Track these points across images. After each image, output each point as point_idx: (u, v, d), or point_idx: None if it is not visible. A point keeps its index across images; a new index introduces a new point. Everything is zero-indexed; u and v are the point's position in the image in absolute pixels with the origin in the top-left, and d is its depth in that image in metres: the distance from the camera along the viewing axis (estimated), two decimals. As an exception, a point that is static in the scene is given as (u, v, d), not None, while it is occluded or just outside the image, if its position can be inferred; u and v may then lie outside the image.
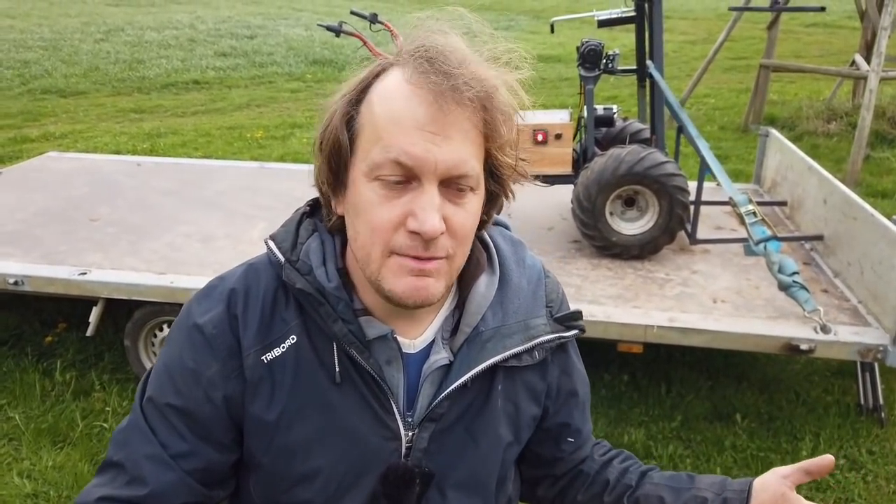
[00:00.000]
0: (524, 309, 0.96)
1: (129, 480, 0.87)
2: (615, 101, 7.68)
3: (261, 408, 0.89)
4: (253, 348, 0.88)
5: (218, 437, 0.91)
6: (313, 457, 0.90)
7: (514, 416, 0.99)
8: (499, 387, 0.96)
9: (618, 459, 1.10)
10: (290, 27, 14.09)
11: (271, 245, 0.92)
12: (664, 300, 2.90)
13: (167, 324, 3.06)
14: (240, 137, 7.36)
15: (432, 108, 0.76)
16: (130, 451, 0.89)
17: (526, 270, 0.99)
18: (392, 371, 0.91)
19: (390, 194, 0.79)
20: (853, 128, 6.65)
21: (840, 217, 3.10)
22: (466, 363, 0.91)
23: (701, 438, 2.88)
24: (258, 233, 3.47)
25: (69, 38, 12.63)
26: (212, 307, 0.90)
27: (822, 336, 2.60)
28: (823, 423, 2.94)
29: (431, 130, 0.77)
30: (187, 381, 0.89)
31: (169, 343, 0.94)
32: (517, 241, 1.03)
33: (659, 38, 3.41)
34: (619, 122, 3.66)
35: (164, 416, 0.89)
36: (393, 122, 0.78)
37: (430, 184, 0.78)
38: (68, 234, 3.44)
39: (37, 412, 2.98)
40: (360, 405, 0.90)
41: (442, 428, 0.93)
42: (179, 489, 0.88)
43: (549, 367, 1.01)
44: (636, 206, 3.22)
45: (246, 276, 0.92)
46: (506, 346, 0.93)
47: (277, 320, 0.90)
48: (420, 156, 0.77)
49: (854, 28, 12.86)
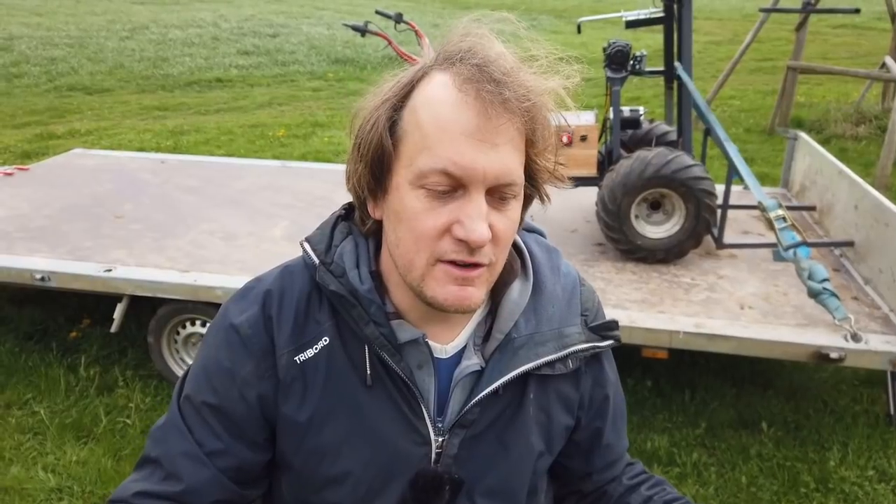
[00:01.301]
0: (558, 317, 0.95)
1: (165, 476, 0.90)
2: (637, 103, 7.61)
3: (293, 408, 0.90)
4: (286, 349, 0.89)
5: (252, 436, 0.92)
6: (343, 459, 0.90)
7: (546, 425, 0.97)
8: (531, 395, 0.94)
9: (645, 486, 1.06)
10: (313, 26, 14.15)
11: (306, 247, 0.93)
12: (690, 305, 2.86)
13: (190, 321, 3.07)
14: (262, 136, 7.39)
15: (481, 117, 0.75)
16: (167, 447, 0.91)
17: (561, 278, 0.98)
18: (423, 375, 0.90)
19: (436, 203, 0.78)
20: (882, 131, 6.53)
21: (872, 223, 3.04)
22: (498, 370, 0.90)
23: (726, 446, 2.84)
24: (280, 231, 3.47)
25: (95, 36, 12.79)
26: (247, 308, 0.92)
27: (853, 345, 2.55)
28: (852, 433, 2.88)
29: (479, 139, 0.76)
30: (223, 380, 0.91)
31: (206, 343, 0.95)
32: (552, 248, 1.01)
33: (688, 40, 3.37)
34: (646, 123, 3.62)
35: (200, 415, 0.91)
36: (441, 130, 0.77)
37: (478, 192, 0.77)
38: (93, 230, 3.47)
39: (61, 407, 3.01)
40: (391, 408, 0.90)
41: (473, 434, 0.92)
42: (214, 486, 0.90)
43: (582, 377, 0.99)
44: (662, 209, 3.18)
45: (281, 278, 0.94)
46: (538, 353, 0.92)
47: (311, 322, 0.90)
48: (468, 165, 0.76)
49: (883, 30, 12.65)
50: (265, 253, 3.21)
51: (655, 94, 8.55)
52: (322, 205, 3.75)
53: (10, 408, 3.02)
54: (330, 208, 0.96)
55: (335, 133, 7.50)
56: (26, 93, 9.33)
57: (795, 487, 2.62)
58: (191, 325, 3.08)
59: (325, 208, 0.98)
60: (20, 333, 3.52)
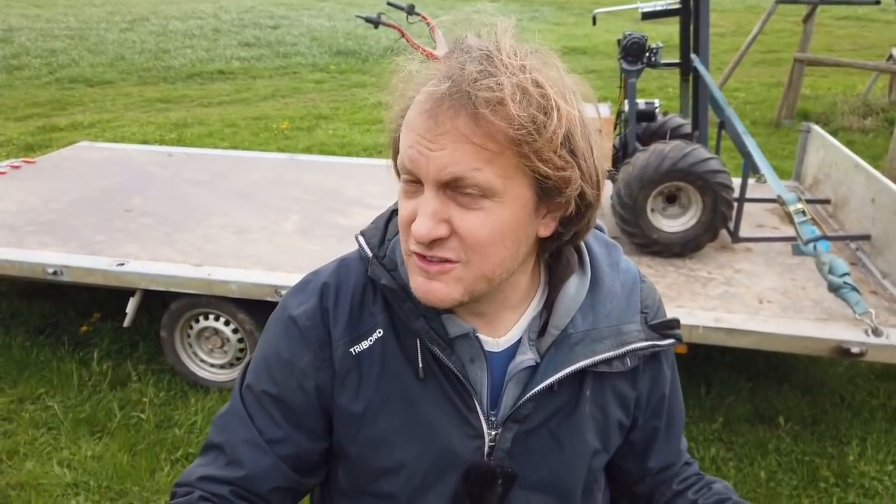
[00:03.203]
0: (617, 313, 0.93)
1: (227, 462, 0.92)
2: (642, 95, 7.58)
3: (348, 399, 0.91)
4: (342, 340, 0.91)
5: (310, 425, 0.94)
6: (397, 450, 0.91)
7: (603, 423, 0.96)
8: (587, 392, 0.93)
9: (693, 489, 1.04)
10: (314, 17, 14.08)
11: (361, 241, 0.94)
12: (708, 300, 2.84)
13: (203, 316, 3.05)
14: (265, 128, 7.36)
15: (430, 119, 0.76)
16: (230, 434, 0.93)
17: (620, 274, 0.96)
18: (475, 369, 0.90)
19: (407, 194, 0.82)
20: (890, 124, 6.53)
21: (890, 216, 3.02)
22: (553, 365, 0.90)
23: (743, 441, 2.83)
24: (292, 225, 3.45)
25: (95, 28, 12.71)
26: (306, 300, 0.93)
27: (874, 339, 2.53)
28: (870, 428, 2.88)
29: (427, 138, 0.77)
30: (282, 371, 0.93)
31: (266, 334, 0.97)
32: (612, 243, 0.99)
33: (705, 31, 3.34)
34: (660, 116, 3.59)
35: (260, 403, 0.93)
36: (406, 127, 0.80)
37: (429, 188, 0.79)
38: (104, 224, 3.44)
39: (74, 402, 2.99)
40: (444, 402, 0.90)
41: (526, 430, 0.92)
42: (274, 473, 0.92)
43: (640, 375, 0.97)
44: (678, 202, 3.16)
45: (338, 271, 0.95)
46: (595, 350, 0.91)
47: (366, 314, 0.92)
48: (415, 159, 0.78)
49: (888, 21, 12.62)
50: (278, 247, 3.18)
51: (660, 87, 8.51)
52: (332, 198, 3.71)
53: (23, 402, 3.00)
54: (340, 202, 0.97)
55: (339, 125, 7.46)
56: (27, 85, 9.28)
57: (815, 482, 2.61)
58: (204, 320, 3.06)
59: (336, 202, 1.00)
60: (31, 328, 3.51)
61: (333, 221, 3.43)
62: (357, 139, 6.95)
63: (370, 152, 6.45)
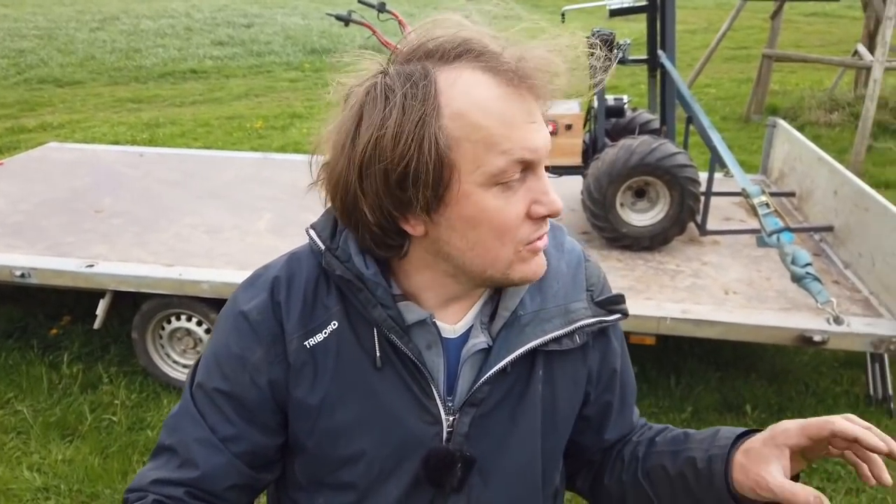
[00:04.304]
0: (563, 293, 0.95)
1: (181, 463, 0.91)
2: (614, 92, 7.64)
3: (304, 392, 0.91)
4: (296, 334, 0.90)
5: (264, 421, 0.93)
6: (356, 440, 0.92)
7: (555, 401, 0.98)
8: (539, 372, 0.95)
9: (636, 433, 1.08)
10: (287, 16, 13.97)
11: (312, 234, 0.94)
12: (676, 292, 2.89)
13: (175, 316, 3.04)
14: (239, 127, 7.31)
15: (525, 102, 0.79)
16: (181, 435, 0.92)
17: (565, 255, 0.99)
18: (432, 356, 0.91)
19: (509, 194, 0.81)
20: (855, 118, 6.65)
21: (851, 208, 3.09)
22: (505, 347, 0.91)
23: (712, 430, 2.88)
24: (265, 224, 3.44)
25: (64, 27, 12.50)
26: (256, 295, 0.93)
27: (836, 327, 2.60)
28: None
29: (532, 121, 0.80)
30: (234, 367, 0.92)
31: (216, 331, 0.96)
32: (556, 225, 1.01)
33: (671, 28, 3.39)
34: (629, 112, 3.64)
35: (212, 401, 0.92)
36: (505, 125, 0.79)
37: (541, 168, 0.82)
38: (73, 225, 3.41)
39: (44, 405, 2.96)
40: (401, 389, 0.91)
41: (483, 413, 0.93)
42: (229, 471, 0.91)
43: (590, 351, 1.00)
44: (647, 197, 3.21)
45: (289, 265, 0.95)
46: (545, 329, 0.93)
47: (319, 306, 0.91)
48: (540, 146, 0.81)
49: (854, 18, 12.84)
50: (251, 246, 3.18)
51: (632, 84, 8.60)
52: (306, 197, 3.69)
53: (-9, 407, 2.97)
54: (315, 200, 0.96)
55: (314, 124, 7.33)
56: (-6, 86, 9.12)
57: (781, 468, 2.67)
58: (176, 320, 3.04)
59: (310, 200, 0.99)
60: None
61: (307, 220, 3.38)
62: (332, 138, 6.93)
63: (345, 151, 6.43)
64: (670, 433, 1.03)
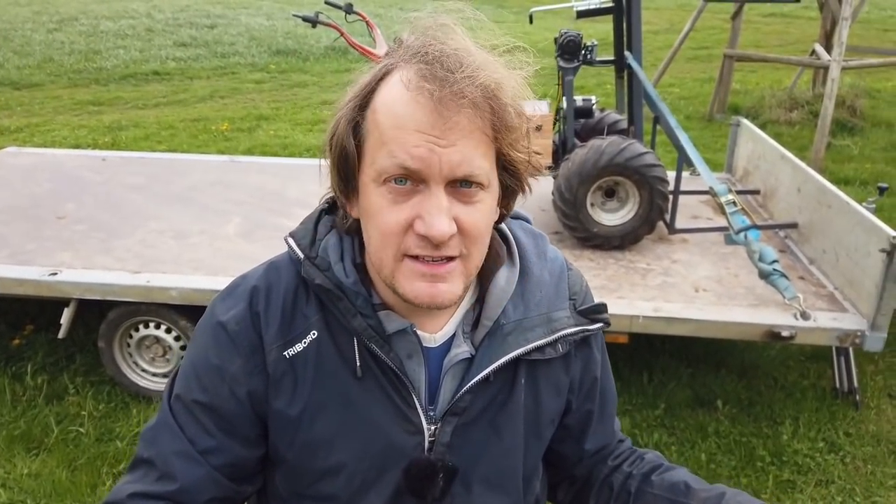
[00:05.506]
0: (546, 302, 0.96)
1: (159, 477, 0.89)
2: (581, 92, 7.70)
3: (284, 403, 0.90)
4: (275, 344, 0.90)
5: (243, 433, 0.92)
6: (336, 451, 0.91)
7: (538, 410, 0.98)
8: (521, 381, 0.95)
9: (627, 462, 1.08)
10: (252, 16, 13.80)
11: (291, 242, 0.93)
12: (647, 290, 2.93)
13: (143, 324, 2.97)
14: (204, 130, 7.19)
15: (434, 114, 0.76)
16: (160, 448, 0.90)
17: (548, 263, 0.99)
18: (413, 365, 0.91)
19: (398, 198, 0.80)
20: (814, 116, 6.81)
21: (814, 205, 3.16)
22: (488, 356, 0.91)
23: (684, 426, 2.92)
24: (234, 228, 3.39)
25: (20, 28, 12.15)
26: (234, 305, 0.92)
27: (803, 323, 2.66)
28: (801, 408, 3.01)
29: (435, 134, 0.77)
30: (212, 378, 0.90)
31: (194, 342, 0.94)
32: (538, 234, 1.02)
33: (637, 29, 3.43)
34: (597, 113, 3.67)
35: (191, 413, 0.91)
36: (397, 128, 0.78)
37: (437, 186, 0.78)
38: (34, 232, 3.31)
39: (8, 418, 2.87)
40: (382, 399, 0.90)
41: (465, 422, 0.93)
42: (208, 484, 0.90)
43: (572, 361, 1.00)
44: (616, 196, 3.24)
45: (267, 274, 0.94)
46: (528, 339, 0.93)
47: (299, 316, 0.91)
48: (425, 157, 0.77)
49: (810, 18, 13.16)
50: (220, 251, 3.12)
51: (598, 84, 8.69)
52: (274, 200, 3.66)
53: (-49, 422, 2.87)
54: (282, 203, 0.96)
55: (281, 126, 7.35)
56: (-53, 89, 8.83)
57: (752, 462, 2.72)
58: (144, 328, 2.98)
59: (278, 203, 0.99)
60: (-43, 343, 3.35)
61: (276, 223, 3.38)
62: (300, 139, 6.86)
63: (313, 152, 6.38)
64: (668, 475, 1.00)
